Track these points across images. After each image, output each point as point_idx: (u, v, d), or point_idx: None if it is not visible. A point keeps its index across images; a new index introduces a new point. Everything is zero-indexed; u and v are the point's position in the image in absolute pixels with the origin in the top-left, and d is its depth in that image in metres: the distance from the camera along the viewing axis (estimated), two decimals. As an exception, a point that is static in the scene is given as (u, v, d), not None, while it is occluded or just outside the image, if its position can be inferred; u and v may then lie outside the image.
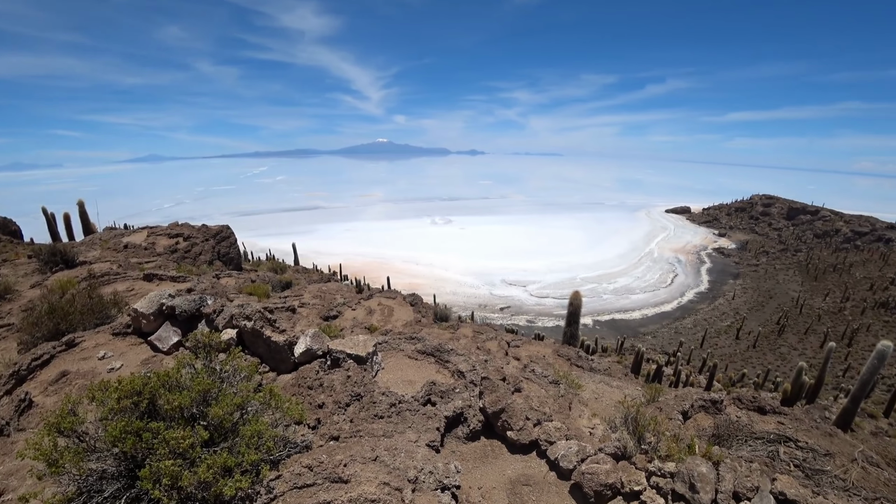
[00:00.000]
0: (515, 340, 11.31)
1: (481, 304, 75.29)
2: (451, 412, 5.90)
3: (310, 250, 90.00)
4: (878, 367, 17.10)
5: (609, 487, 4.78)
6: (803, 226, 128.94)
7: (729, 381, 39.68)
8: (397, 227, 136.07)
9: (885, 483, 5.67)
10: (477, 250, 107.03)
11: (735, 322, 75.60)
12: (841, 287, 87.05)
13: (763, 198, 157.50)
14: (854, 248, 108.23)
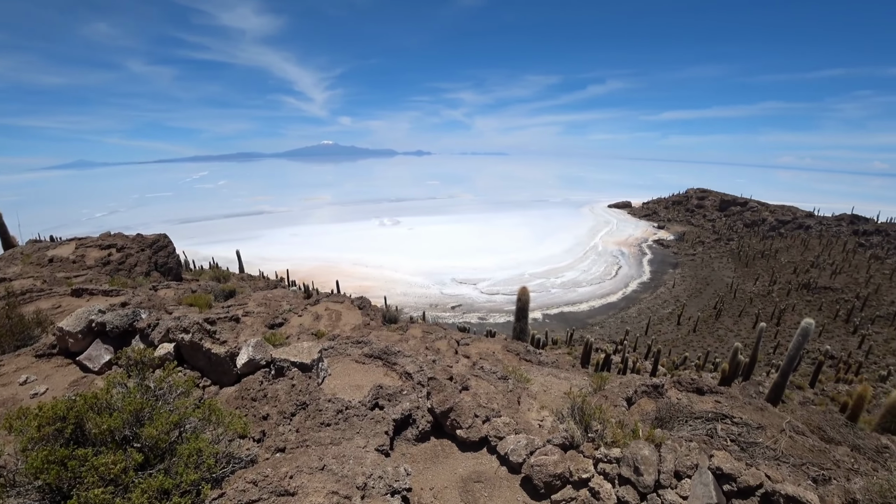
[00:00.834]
0: (465, 339, 11.37)
1: (432, 304, 75.40)
2: (400, 415, 5.87)
3: (255, 257, 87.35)
4: (803, 343, 18.34)
5: (558, 477, 4.88)
6: (734, 216, 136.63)
7: (672, 364, 41.49)
8: (345, 229, 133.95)
9: (810, 449, 6.06)
10: (426, 250, 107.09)
11: (676, 309, 79.06)
12: (769, 271, 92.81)
13: (697, 191, 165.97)
14: (779, 236, 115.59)
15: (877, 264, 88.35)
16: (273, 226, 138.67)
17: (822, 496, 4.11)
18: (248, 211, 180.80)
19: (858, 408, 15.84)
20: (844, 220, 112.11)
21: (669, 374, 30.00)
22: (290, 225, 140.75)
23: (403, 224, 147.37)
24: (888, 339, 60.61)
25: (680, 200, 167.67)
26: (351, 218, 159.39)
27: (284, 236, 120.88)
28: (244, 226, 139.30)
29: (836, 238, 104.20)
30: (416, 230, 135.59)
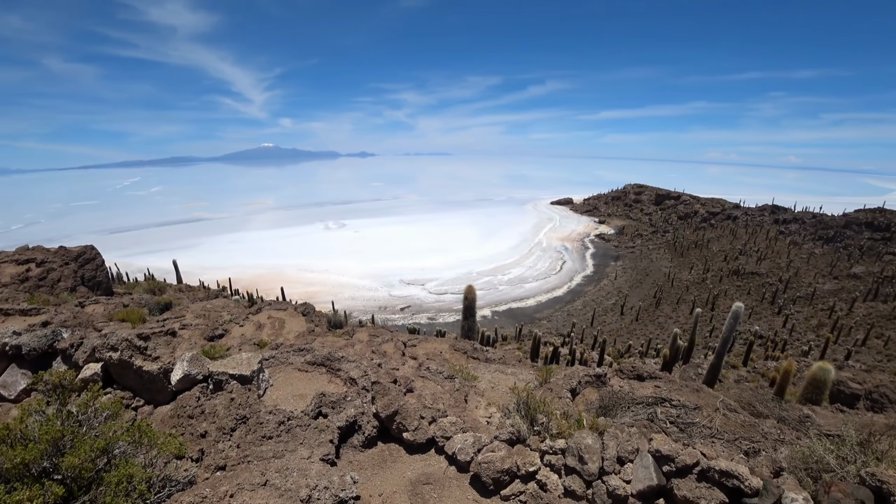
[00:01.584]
0: (412, 340, 11.30)
1: (381, 307, 74.75)
2: (345, 422, 5.75)
3: (195, 266, 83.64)
4: (735, 326, 19.46)
5: (506, 473, 4.92)
6: (669, 210, 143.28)
7: (618, 353, 42.98)
8: (289, 234, 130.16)
9: (742, 425, 6.40)
10: (373, 252, 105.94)
11: (619, 300, 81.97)
12: (702, 260, 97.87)
13: (634, 187, 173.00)
14: (710, 227, 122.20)
15: (795, 249, 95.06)
16: (212, 233, 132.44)
17: (752, 467, 4.35)
18: (184, 218, 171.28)
19: (785, 382, 17.00)
20: (766, 211, 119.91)
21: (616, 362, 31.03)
22: (230, 231, 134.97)
23: (349, 227, 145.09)
24: (808, 317, 65.25)
25: (618, 196, 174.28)
26: (295, 222, 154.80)
27: (225, 244, 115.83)
28: (181, 234, 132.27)
29: (759, 227, 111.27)
30: (361, 233, 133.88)
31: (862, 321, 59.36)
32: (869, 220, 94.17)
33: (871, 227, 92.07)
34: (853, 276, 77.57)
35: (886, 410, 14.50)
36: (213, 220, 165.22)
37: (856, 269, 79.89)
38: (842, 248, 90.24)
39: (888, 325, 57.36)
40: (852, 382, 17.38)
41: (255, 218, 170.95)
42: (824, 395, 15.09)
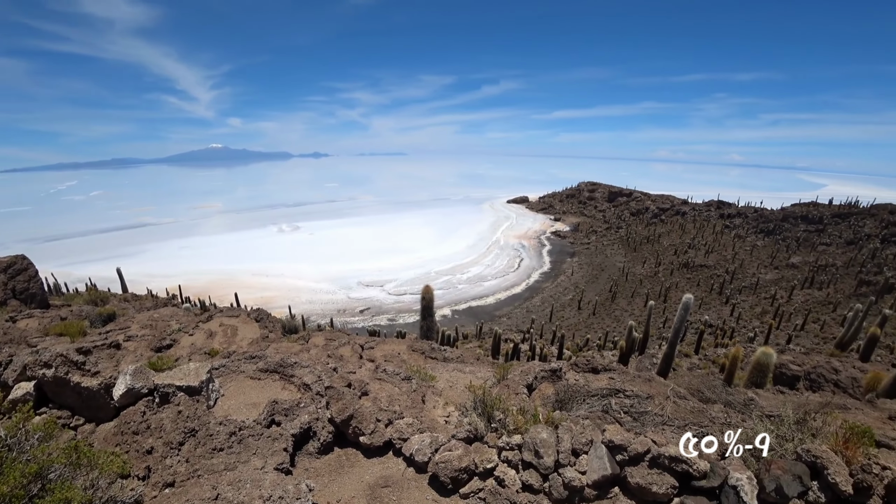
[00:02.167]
0: (370, 342, 11.17)
1: (340, 310, 73.77)
2: (299, 429, 5.60)
3: (142, 274, 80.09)
4: (685, 316, 20.18)
5: (464, 471, 4.92)
6: (621, 206, 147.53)
7: (576, 347, 43.84)
8: (241, 238, 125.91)
9: (692, 411, 6.63)
10: (330, 255, 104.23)
11: (576, 295, 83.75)
12: (654, 254, 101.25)
13: (588, 184, 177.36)
14: (660, 222, 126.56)
15: (739, 242, 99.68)
16: (160, 239, 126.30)
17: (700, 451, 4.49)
18: (128, 224, 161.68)
19: (734, 367, 17.82)
20: (713, 206, 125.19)
21: (574, 355, 31.63)
22: (179, 237, 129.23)
23: (304, 229, 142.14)
24: (752, 305, 68.51)
25: (573, 194, 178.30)
26: (247, 226, 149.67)
27: (173, 249, 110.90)
28: (126, 240, 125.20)
29: (706, 222, 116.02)
30: (317, 235, 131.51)
31: (800, 307, 62.80)
32: (804, 213, 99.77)
33: (805, 219, 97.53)
34: (791, 266, 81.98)
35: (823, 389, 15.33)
36: (159, 225, 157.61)
37: (794, 259, 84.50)
38: (781, 240, 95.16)
39: (823, 311, 60.91)
40: (793, 365, 18.29)
41: (204, 222, 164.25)
42: (768, 378, 15.83)
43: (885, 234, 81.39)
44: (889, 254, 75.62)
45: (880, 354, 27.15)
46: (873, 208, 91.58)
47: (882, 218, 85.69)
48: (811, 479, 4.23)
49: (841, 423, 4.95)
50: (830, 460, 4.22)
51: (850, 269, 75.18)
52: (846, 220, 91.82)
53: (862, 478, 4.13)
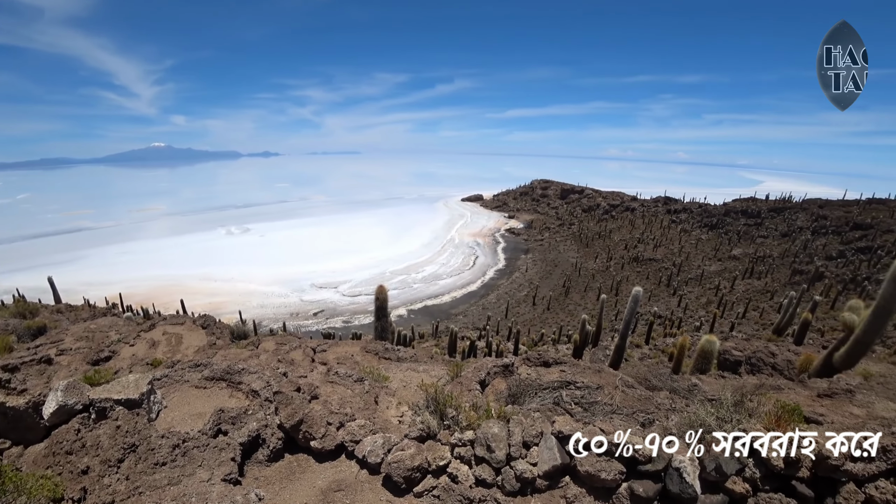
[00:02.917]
0: (322, 345, 10.96)
1: (293, 313, 72.20)
2: (247, 437, 5.43)
3: (78, 283, 75.58)
4: (635, 308, 20.86)
5: (417, 470, 4.90)
6: (574, 203, 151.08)
7: (532, 342, 44.52)
8: (188, 241, 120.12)
9: (639, 399, 6.85)
10: (281, 257, 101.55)
11: (531, 291, 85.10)
12: (606, 250, 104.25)
13: (541, 182, 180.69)
14: (611, 218, 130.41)
15: (685, 236, 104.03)
16: (97, 244, 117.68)
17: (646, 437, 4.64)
18: (62, 229, 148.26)
19: (681, 356, 18.57)
20: (660, 202, 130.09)
21: (530, 350, 32.12)
22: (119, 242, 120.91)
23: (254, 231, 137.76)
24: (698, 296, 71.56)
25: (526, 191, 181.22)
26: (193, 228, 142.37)
27: (113, 255, 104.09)
28: (59, 247, 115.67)
29: (654, 217, 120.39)
30: (268, 237, 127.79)
31: (742, 296, 66.08)
32: (744, 208, 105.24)
33: (745, 214, 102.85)
34: (733, 258, 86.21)
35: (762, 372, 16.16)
36: (97, 230, 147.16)
37: (735, 251, 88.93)
38: (723, 234, 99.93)
39: (762, 299, 64.36)
40: (735, 351, 19.14)
41: (147, 225, 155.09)
42: (712, 364, 16.56)
43: (815, 227, 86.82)
44: (819, 244, 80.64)
45: (812, 338, 28.86)
46: (805, 203, 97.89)
47: (812, 212, 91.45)
48: (748, 456, 4.45)
49: (774, 402, 5.23)
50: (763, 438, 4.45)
51: (785, 259, 79.75)
52: (781, 213, 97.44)
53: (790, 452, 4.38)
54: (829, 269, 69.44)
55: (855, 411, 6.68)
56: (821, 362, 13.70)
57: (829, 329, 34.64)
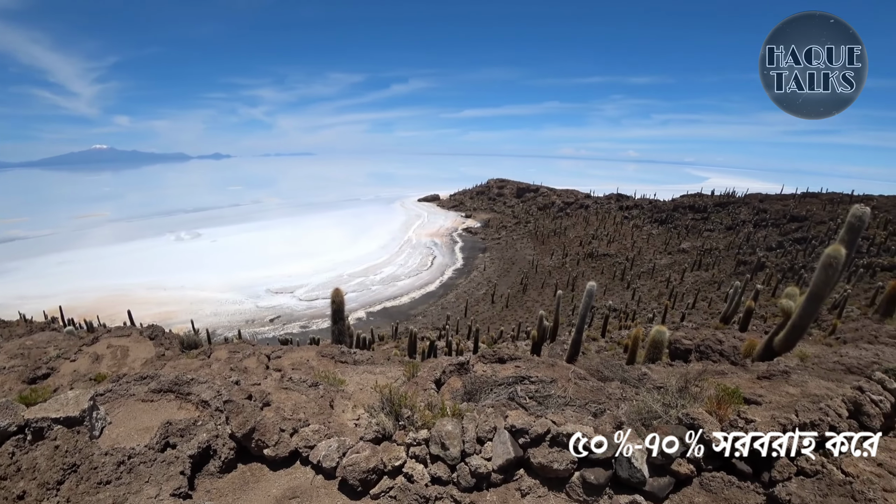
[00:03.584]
0: (276, 352, 10.74)
1: (248, 320, 70.30)
2: (197, 449, 5.27)
3: (13, 297, 71.23)
4: (590, 303, 21.39)
5: (372, 472, 4.88)
6: (529, 201, 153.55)
7: (492, 340, 44.90)
8: (134, 249, 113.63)
9: (591, 390, 7.04)
10: (235, 262, 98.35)
11: (489, 289, 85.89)
12: (561, 246, 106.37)
13: (497, 181, 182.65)
14: (566, 215, 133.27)
15: (637, 232, 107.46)
16: (34, 254, 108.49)
17: (596, 426, 4.81)
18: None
19: (635, 347, 19.21)
20: (612, 199, 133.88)
21: (490, 348, 32.38)
22: (58, 251, 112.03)
23: (205, 236, 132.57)
24: (651, 288, 74.01)
25: (482, 191, 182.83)
26: (140, 235, 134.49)
27: (52, 265, 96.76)
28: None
29: (608, 214, 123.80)
30: (220, 242, 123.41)
31: (691, 288, 68.76)
32: (691, 203, 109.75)
33: (692, 209, 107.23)
34: (682, 251, 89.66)
35: (710, 359, 16.88)
36: (34, 239, 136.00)
37: (684, 244, 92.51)
38: (673, 228, 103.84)
39: (710, 289, 67.16)
40: (685, 340, 19.90)
41: (89, 232, 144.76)
42: (663, 353, 17.18)
43: (756, 220, 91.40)
44: (760, 236, 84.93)
45: (756, 324, 30.31)
46: (747, 198, 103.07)
47: (753, 206, 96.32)
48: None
49: (716, 387, 5.49)
50: (705, 420, 4.69)
51: (730, 251, 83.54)
52: (725, 208, 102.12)
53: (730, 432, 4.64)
54: (770, 259, 73.23)
55: (790, 391, 7.07)
56: (763, 347, 14.45)
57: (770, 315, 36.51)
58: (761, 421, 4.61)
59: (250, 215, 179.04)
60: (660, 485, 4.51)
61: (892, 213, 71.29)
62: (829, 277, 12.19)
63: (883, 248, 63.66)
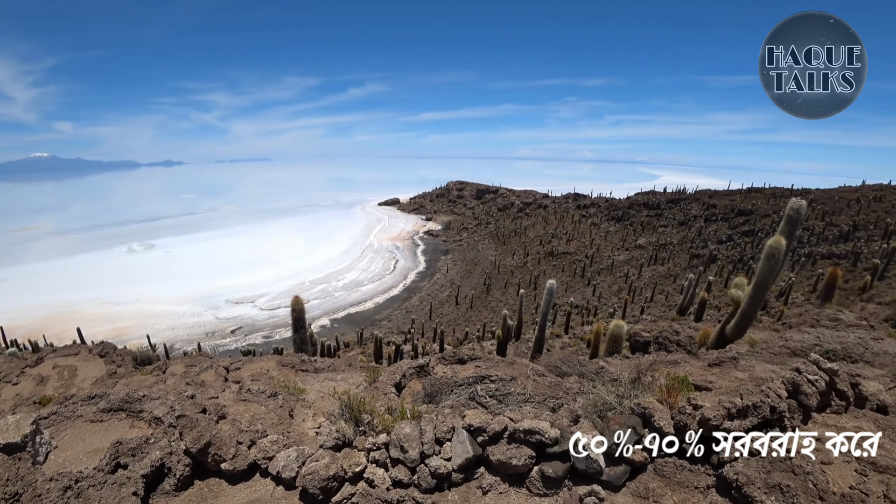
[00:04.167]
0: (236, 363, 10.48)
1: (208, 332, 68.22)
2: (150, 468, 5.09)
3: (-53, 319, 66.76)
4: (551, 301, 21.82)
5: (333, 479, 4.83)
6: (489, 203, 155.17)
7: (457, 341, 45.06)
8: (82, 262, 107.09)
9: (549, 385, 7.19)
10: (192, 273, 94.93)
11: (452, 291, 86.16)
12: (522, 246, 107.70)
13: (457, 184, 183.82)
14: (525, 215, 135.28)
15: (595, 229, 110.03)
16: None
17: (553, 421, 4.92)
18: None
19: (597, 341, 19.72)
20: (570, 199, 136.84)
21: (455, 349, 32.47)
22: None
23: (159, 247, 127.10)
24: (610, 284, 75.79)
25: (442, 193, 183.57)
26: (87, 247, 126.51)
27: None
28: None
29: (566, 213, 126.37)
30: (175, 252, 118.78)
31: (649, 282, 70.87)
32: (645, 200, 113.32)
33: (647, 206, 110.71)
34: (639, 247, 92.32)
35: (668, 349, 17.42)
36: None
37: (640, 240, 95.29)
38: (629, 225, 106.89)
39: (666, 283, 69.37)
40: (644, 332, 20.49)
41: (31, 246, 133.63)
42: (622, 346, 17.66)
43: (706, 215, 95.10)
44: (711, 230, 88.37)
45: (710, 314, 31.52)
46: (697, 194, 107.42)
47: (703, 201, 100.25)
48: (643, 427, 4.84)
49: (666, 376, 5.70)
50: (656, 409, 4.87)
51: (683, 245, 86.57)
52: (678, 204, 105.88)
53: (679, 419, 4.85)
54: (721, 252, 76.30)
55: (739, 375, 7.40)
56: (716, 335, 15.06)
57: (723, 305, 38.03)
58: (709, 406, 4.80)
59: (206, 224, 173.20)
60: (616, 473, 4.64)
61: (828, 205, 75.59)
62: (772, 267, 12.83)
63: (822, 237, 67.37)
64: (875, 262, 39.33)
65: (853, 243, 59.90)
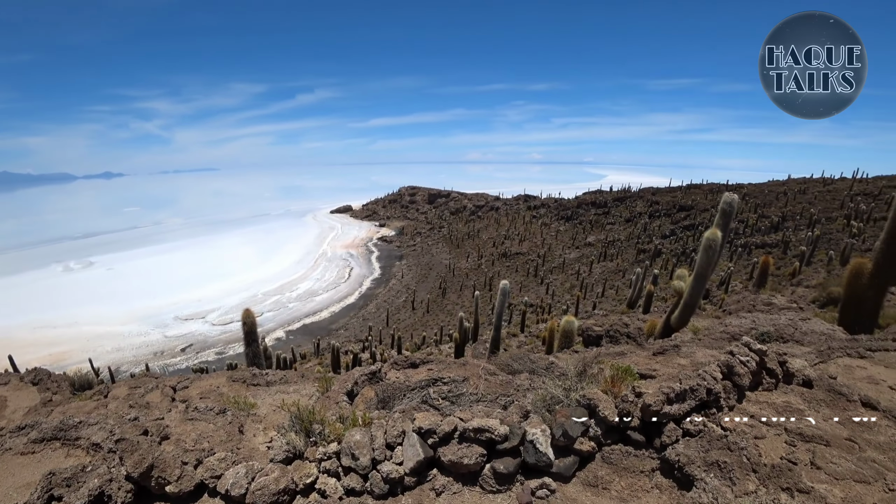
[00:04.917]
0: (183, 381, 10.08)
1: (157, 352, 65.32)
2: (87, 497, 4.82)
3: None
4: (505, 301, 22.11)
5: (283, 492, 4.74)
6: (442, 207, 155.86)
7: (415, 346, 44.91)
8: (12, 284, 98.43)
9: (501, 384, 7.29)
10: (136, 291, 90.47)
11: (409, 296, 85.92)
12: (475, 249, 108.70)
13: (409, 189, 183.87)
14: (478, 218, 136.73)
15: (546, 229, 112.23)
16: None
17: (503, 418, 5.01)
18: None
19: (552, 338, 20.12)
20: (521, 200, 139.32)
21: (413, 354, 32.34)
22: None
23: (99, 264, 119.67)
24: (563, 282, 77.40)
25: (395, 199, 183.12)
26: (18, 268, 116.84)
27: None
28: None
29: (517, 214, 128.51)
30: (117, 269, 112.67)
31: (599, 278, 72.81)
32: (593, 200, 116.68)
33: (595, 205, 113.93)
34: (588, 245, 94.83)
35: (619, 342, 17.83)
36: None
37: (589, 238, 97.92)
38: (578, 224, 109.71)
39: (616, 278, 71.52)
40: (595, 327, 20.99)
41: None
42: (575, 341, 18.08)
43: (650, 212, 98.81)
44: (655, 226, 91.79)
45: (657, 305, 32.75)
46: (641, 192, 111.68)
47: (647, 199, 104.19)
48: (589, 417, 4.98)
49: (611, 367, 5.89)
50: (600, 399, 5.04)
51: (630, 241, 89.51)
52: (623, 202, 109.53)
53: (623, 407, 5.05)
54: (665, 246, 79.37)
55: (681, 362, 7.72)
56: (662, 325, 15.67)
57: (668, 297, 39.54)
58: (651, 392, 5.00)
59: (151, 238, 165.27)
60: (565, 464, 4.76)
61: (759, 199, 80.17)
62: (710, 258, 13.49)
63: (755, 228, 71.31)
64: (802, 250, 42.22)
65: (783, 233, 63.93)
